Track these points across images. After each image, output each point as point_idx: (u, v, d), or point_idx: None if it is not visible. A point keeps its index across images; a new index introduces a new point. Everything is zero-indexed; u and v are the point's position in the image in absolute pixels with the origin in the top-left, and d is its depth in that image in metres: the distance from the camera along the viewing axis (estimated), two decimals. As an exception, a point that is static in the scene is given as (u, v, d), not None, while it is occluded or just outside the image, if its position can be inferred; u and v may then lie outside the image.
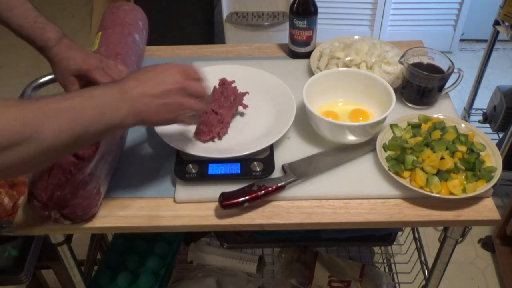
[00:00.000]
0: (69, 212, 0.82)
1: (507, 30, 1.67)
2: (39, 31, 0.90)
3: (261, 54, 1.27)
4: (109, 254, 1.25)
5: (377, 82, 1.01)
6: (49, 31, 0.91)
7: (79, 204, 0.81)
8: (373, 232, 1.32)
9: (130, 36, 1.08)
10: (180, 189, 0.90)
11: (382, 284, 1.31)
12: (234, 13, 2.35)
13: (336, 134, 0.95)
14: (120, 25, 1.09)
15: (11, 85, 2.55)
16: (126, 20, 1.11)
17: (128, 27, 1.10)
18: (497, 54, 2.67)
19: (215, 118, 0.96)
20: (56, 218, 0.82)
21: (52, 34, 0.91)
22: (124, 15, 1.12)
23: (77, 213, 0.83)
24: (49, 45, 0.91)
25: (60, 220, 0.83)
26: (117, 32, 1.07)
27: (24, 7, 0.90)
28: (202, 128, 0.96)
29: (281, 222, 0.87)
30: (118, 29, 1.08)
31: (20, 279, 1.16)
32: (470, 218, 0.87)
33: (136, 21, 1.13)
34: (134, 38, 1.09)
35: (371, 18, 2.56)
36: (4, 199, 1.19)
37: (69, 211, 0.81)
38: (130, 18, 1.12)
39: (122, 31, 1.08)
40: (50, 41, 0.91)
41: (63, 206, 0.80)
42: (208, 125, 0.96)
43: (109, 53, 1.02)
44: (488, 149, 0.94)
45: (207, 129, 0.95)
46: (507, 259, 1.68)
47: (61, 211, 0.81)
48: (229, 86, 1.02)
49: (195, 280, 1.33)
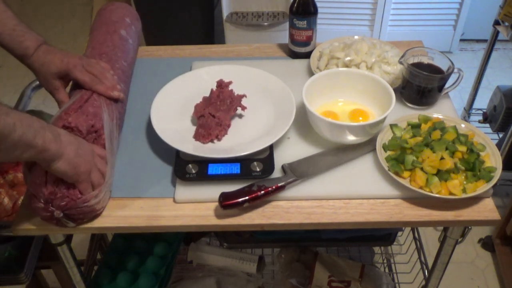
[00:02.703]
0: (73, 213, 0.81)
1: (507, 30, 1.67)
2: (18, 39, 0.90)
3: (261, 54, 1.27)
4: (109, 254, 1.25)
5: (377, 82, 1.01)
6: (28, 40, 0.91)
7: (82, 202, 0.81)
8: (373, 232, 1.32)
9: (116, 34, 1.09)
10: (180, 189, 0.90)
11: (382, 284, 1.31)
12: (234, 13, 2.35)
13: (336, 134, 0.95)
14: (105, 25, 1.10)
15: (11, 85, 2.55)
16: (111, 19, 1.12)
17: (113, 25, 1.10)
18: (497, 54, 2.67)
19: (213, 121, 0.96)
20: (59, 219, 0.81)
21: (31, 42, 0.91)
22: (110, 15, 1.13)
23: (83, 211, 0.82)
24: (28, 53, 0.91)
25: (63, 221, 0.82)
26: (102, 32, 1.08)
27: (3, 15, 0.89)
28: (201, 131, 0.96)
29: (281, 222, 0.87)
30: (104, 28, 1.09)
31: (20, 279, 1.16)
32: (470, 218, 0.87)
33: (123, 17, 1.14)
34: (120, 35, 1.09)
35: (371, 18, 2.56)
36: (4, 199, 1.19)
37: (74, 212, 0.81)
38: (115, 16, 1.13)
39: (107, 30, 1.09)
40: (28, 49, 0.91)
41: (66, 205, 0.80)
42: (206, 129, 0.95)
43: (94, 53, 1.03)
44: (488, 149, 0.94)
45: (206, 132, 0.95)
46: (507, 259, 1.68)
47: (65, 211, 0.80)
48: (226, 89, 1.01)
49: (195, 280, 1.33)
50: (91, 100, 0.91)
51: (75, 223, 0.84)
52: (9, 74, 2.65)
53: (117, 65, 1.03)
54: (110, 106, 0.94)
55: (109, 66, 1.00)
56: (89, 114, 0.88)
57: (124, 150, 0.99)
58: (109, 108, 0.93)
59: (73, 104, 0.89)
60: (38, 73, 0.94)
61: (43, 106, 2.11)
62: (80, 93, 0.93)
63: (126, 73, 1.07)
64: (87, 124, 0.86)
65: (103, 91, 0.94)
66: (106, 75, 0.96)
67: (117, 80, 0.99)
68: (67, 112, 0.87)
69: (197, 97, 1.03)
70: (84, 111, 0.88)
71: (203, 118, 0.97)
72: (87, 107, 0.89)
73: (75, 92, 0.94)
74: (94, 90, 0.93)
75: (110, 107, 0.94)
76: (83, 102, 0.90)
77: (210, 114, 0.97)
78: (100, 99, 0.93)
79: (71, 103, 0.90)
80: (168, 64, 1.22)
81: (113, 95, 0.95)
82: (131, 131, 1.03)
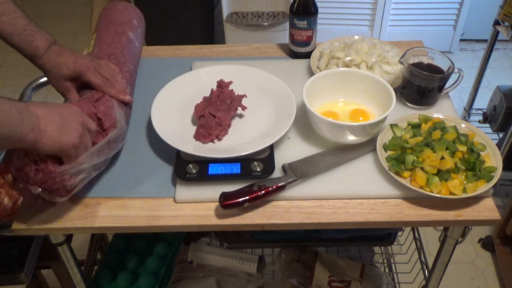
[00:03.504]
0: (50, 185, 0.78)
1: (507, 30, 1.68)
2: (28, 39, 0.90)
3: (261, 54, 1.27)
4: (109, 254, 1.25)
5: (377, 82, 1.01)
6: (38, 39, 0.90)
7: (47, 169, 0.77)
8: (373, 232, 1.32)
9: (124, 35, 1.08)
10: (180, 189, 0.90)
11: (382, 284, 1.31)
12: (234, 13, 2.35)
13: (336, 134, 0.95)
14: (113, 25, 1.09)
15: (11, 85, 2.55)
16: (120, 20, 1.11)
17: (122, 27, 1.09)
18: (497, 54, 2.67)
19: (214, 121, 0.96)
20: (39, 195, 0.78)
21: (41, 42, 0.91)
22: (118, 15, 1.12)
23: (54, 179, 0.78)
24: (38, 53, 0.91)
25: (45, 195, 0.79)
26: (110, 32, 1.07)
27: (13, 15, 0.89)
28: (201, 131, 0.96)
29: (281, 222, 0.87)
30: (112, 29, 1.08)
31: (20, 279, 1.16)
32: (470, 218, 0.87)
33: (130, 19, 1.13)
34: (128, 37, 1.09)
35: (371, 18, 2.56)
36: (4, 199, 1.19)
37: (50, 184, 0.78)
38: (123, 17, 1.12)
39: (116, 31, 1.08)
40: (39, 49, 0.90)
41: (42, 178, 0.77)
42: (207, 128, 0.95)
43: (102, 54, 1.02)
44: (488, 149, 0.94)
45: (206, 132, 0.95)
46: (507, 259, 1.68)
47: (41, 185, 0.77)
48: (226, 89, 1.01)
49: (195, 280, 1.33)
50: (103, 100, 0.91)
51: (58, 196, 0.81)
52: (9, 74, 2.65)
53: (125, 68, 1.03)
54: (121, 109, 0.94)
55: (118, 69, 0.99)
56: (100, 112, 0.88)
57: (125, 150, 0.99)
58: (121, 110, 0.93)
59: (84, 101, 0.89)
60: (50, 74, 0.94)
61: (43, 106, 2.11)
62: (91, 93, 0.93)
63: (133, 76, 1.07)
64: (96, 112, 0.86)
65: (115, 95, 0.94)
66: (116, 78, 0.96)
67: (125, 83, 0.99)
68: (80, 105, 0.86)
69: (197, 97, 1.03)
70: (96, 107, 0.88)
71: (203, 118, 0.97)
72: (98, 105, 0.89)
73: (85, 92, 0.94)
74: (106, 93, 0.93)
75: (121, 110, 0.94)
76: (94, 100, 0.90)
77: (210, 114, 0.97)
78: (112, 100, 0.93)
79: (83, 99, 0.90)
80: (168, 64, 1.22)
81: (124, 99, 0.95)
82: (132, 131, 1.03)
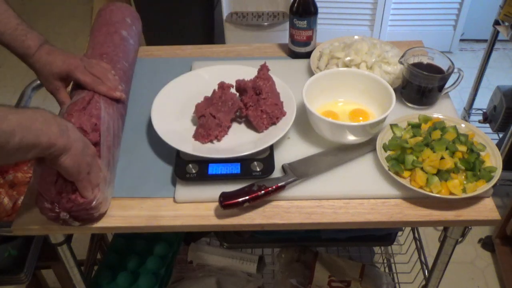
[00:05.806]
0: (79, 214, 0.81)
1: (507, 30, 1.67)
2: (20, 38, 0.90)
3: (261, 54, 1.27)
4: (109, 254, 1.25)
5: (377, 82, 1.01)
6: (29, 39, 0.91)
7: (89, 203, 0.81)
8: (373, 232, 1.32)
9: (117, 34, 1.09)
10: (180, 189, 0.90)
11: (382, 284, 1.31)
12: (234, 13, 2.35)
13: (336, 134, 0.95)
14: (106, 25, 1.10)
15: (11, 85, 2.56)
16: (112, 19, 1.12)
17: (114, 26, 1.10)
18: (497, 54, 2.67)
19: (213, 122, 0.96)
20: (65, 220, 0.81)
21: (33, 41, 0.91)
22: (110, 15, 1.13)
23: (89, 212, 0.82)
24: (29, 52, 0.91)
25: (69, 221, 0.82)
26: (103, 32, 1.08)
27: (5, 14, 0.90)
28: (200, 131, 0.96)
29: (281, 222, 0.87)
30: (104, 29, 1.09)
31: (20, 279, 1.16)
32: (470, 218, 0.87)
33: (123, 18, 1.14)
34: (121, 35, 1.09)
35: (371, 18, 2.56)
36: (4, 199, 1.19)
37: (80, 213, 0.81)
38: (116, 17, 1.13)
39: (108, 31, 1.09)
40: (30, 48, 0.91)
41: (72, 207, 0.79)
42: (206, 129, 0.95)
43: (95, 54, 1.03)
44: (488, 149, 0.94)
45: (205, 133, 0.95)
46: (507, 259, 1.68)
47: (71, 213, 0.80)
48: (228, 91, 1.01)
49: (195, 280, 1.33)
50: (93, 102, 0.91)
51: (80, 223, 0.84)
52: (9, 74, 2.65)
53: (119, 65, 1.03)
54: (112, 107, 0.94)
55: (110, 67, 1.00)
56: (93, 115, 0.88)
57: (125, 150, 0.99)
58: (111, 109, 0.93)
59: (75, 105, 0.89)
60: (40, 73, 0.94)
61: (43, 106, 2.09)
62: (82, 94, 0.92)
63: (127, 73, 1.07)
64: (90, 123, 0.86)
65: (105, 92, 0.94)
66: (107, 75, 0.96)
67: (119, 80, 0.99)
68: (70, 113, 0.87)
69: (197, 97, 1.02)
70: (87, 112, 0.88)
71: (203, 118, 0.97)
72: (90, 108, 0.89)
73: (76, 93, 0.94)
74: (96, 91, 0.93)
75: (112, 108, 0.94)
76: (85, 103, 0.90)
77: (210, 114, 0.97)
78: (101, 101, 0.92)
79: (73, 104, 0.89)
80: (168, 64, 1.22)
81: (115, 95, 0.95)
82: (132, 131, 1.03)
